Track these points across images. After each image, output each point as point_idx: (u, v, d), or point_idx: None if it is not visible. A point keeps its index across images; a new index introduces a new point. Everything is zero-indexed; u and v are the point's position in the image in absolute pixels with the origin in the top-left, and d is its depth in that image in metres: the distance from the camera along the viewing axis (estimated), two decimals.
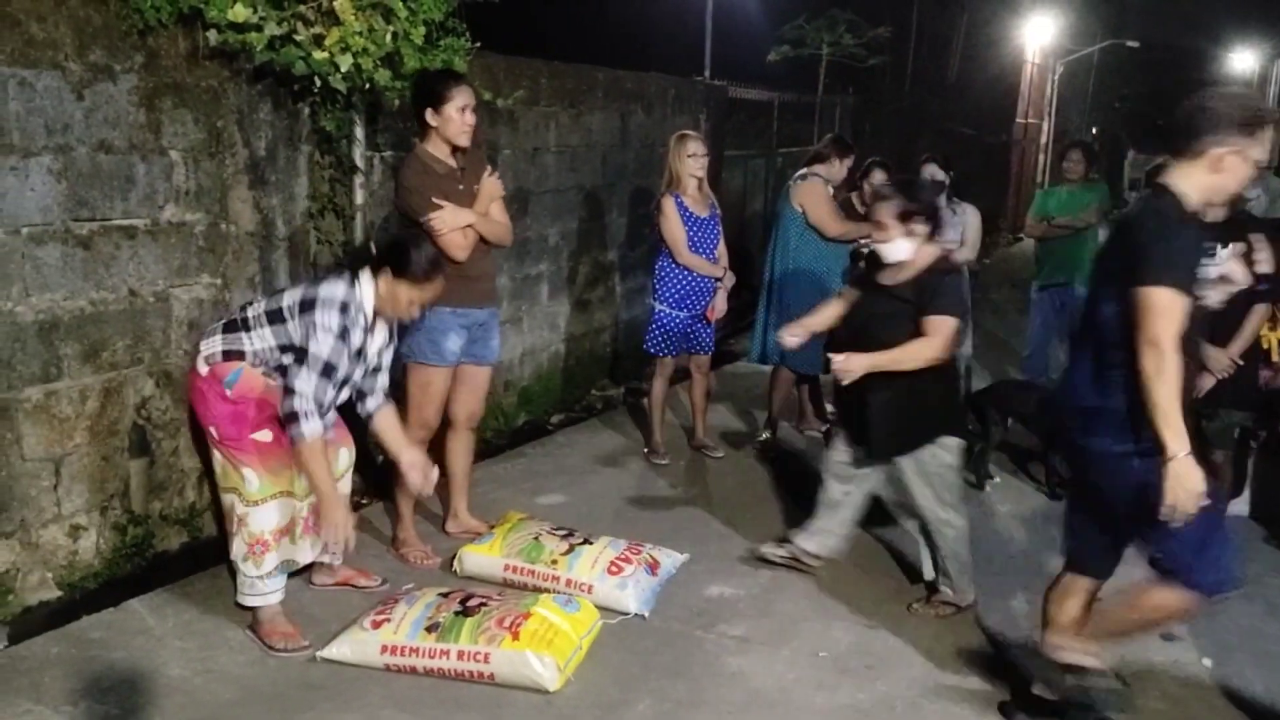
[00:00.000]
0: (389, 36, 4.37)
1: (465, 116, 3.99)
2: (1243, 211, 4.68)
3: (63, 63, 3.60)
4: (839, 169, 5.82)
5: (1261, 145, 2.79)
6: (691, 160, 5.22)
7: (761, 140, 10.00)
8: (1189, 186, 2.82)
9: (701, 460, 5.69)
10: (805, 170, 5.81)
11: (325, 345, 3.37)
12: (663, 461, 5.56)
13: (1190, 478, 2.67)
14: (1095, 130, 26.51)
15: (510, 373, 6.26)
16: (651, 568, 4.00)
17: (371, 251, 3.51)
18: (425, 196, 3.95)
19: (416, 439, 4.01)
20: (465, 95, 4.00)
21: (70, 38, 3.61)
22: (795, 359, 5.77)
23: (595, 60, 6.96)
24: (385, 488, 4.53)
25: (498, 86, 5.55)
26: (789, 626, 3.81)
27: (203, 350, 3.54)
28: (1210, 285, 2.98)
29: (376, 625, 3.44)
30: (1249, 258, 4.14)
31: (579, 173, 6.70)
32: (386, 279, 3.46)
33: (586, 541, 4.09)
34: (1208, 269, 2.90)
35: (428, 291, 3.52)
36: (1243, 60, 32.77)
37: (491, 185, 4.16)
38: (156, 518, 4.13)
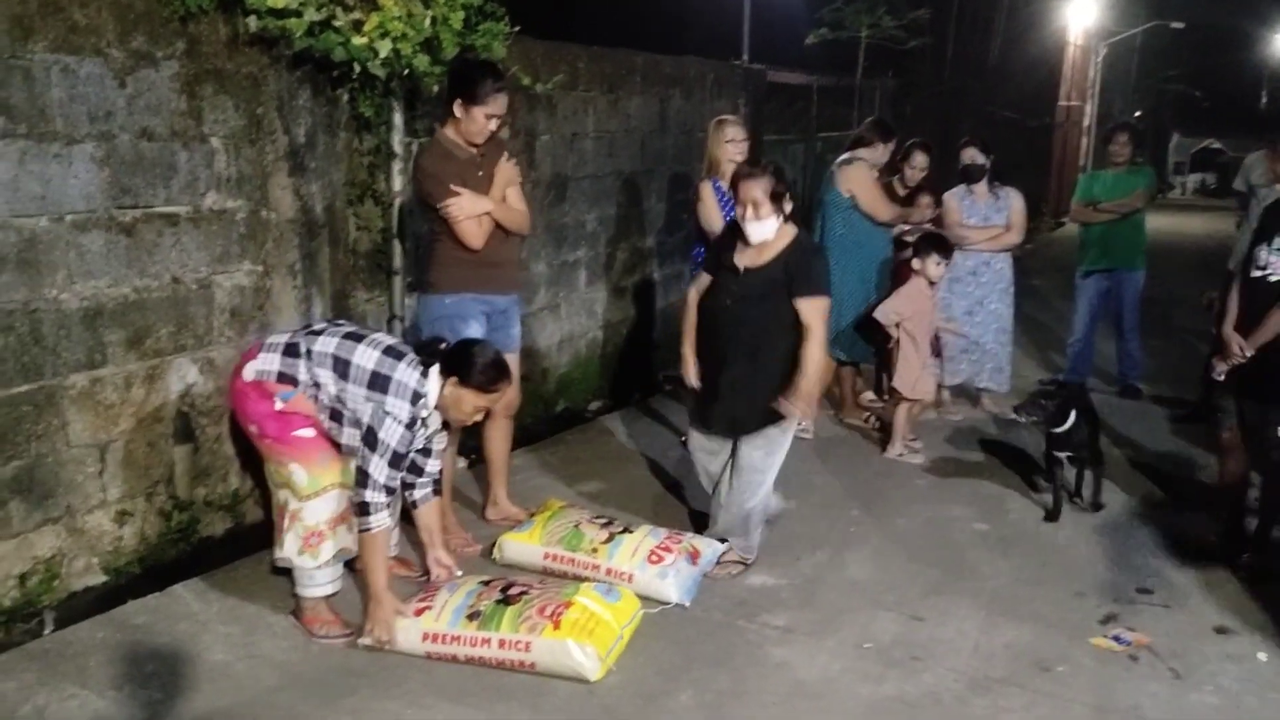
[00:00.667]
0: (428, 21, 4.34)
1: (490, 124, 3.94)
2: None
3: (105, 49, 3.60)
4: (882, 152, 5.74)
5: None
6: (730, 145, 5.16)
7: (800, 125, 9.89)
8: None
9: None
10: (848, 155, 5.72)
11: (394, 434, 3.36)
12: None
13: None
14: (1138, 113, 26.05)
15: (548, 359, 6.24)
16: (692, 557, 3.96)
17: (440, 348, 3.51)
18: (443, 183, 3.92)
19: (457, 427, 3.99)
20: (498, 104, 3.94)
21: (112, 24, 3.62)
22: (839, 347, 5.74)
23: (633, 45, 6.90)
24: None
25: (536, 72, 5.52)
26: (832, 617, 3.77)
27: (258, 362, 3.50)
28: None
29: (419, 613, 3.44)
30: None
31: (617, 158, 6.65)
32: (452, 384, 3.46)
33: (626, 530, 4.06)
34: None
35: (493, 398, 3.54)
36: None
37: (507, 170, 4.11)
38: (200, 503, 4.15)
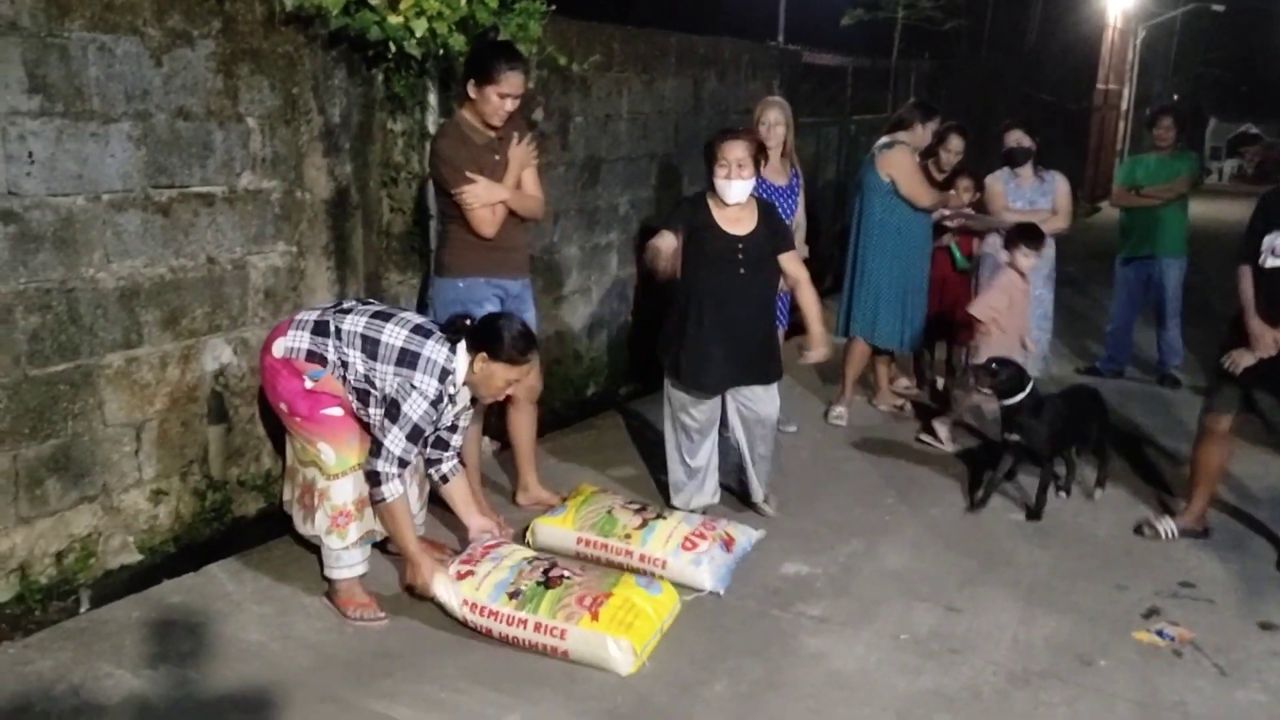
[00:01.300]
0: (464, 0, 4.30)
1: (504, 104, 3.85)
2: None
3: (141, 28, 3.58)
4: (923, 135, 5.61)
5: None
6: (763, 129, 5.07)
7: (834, 106, 9.76)
8: None
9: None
10: (889, 138, 5.60)
11: (418, 409, 3.34)
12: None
13: None
14: (1176, 97, 25.63)
15: (579, 343, 6.21)
16: (726, 544, 3.92)
17: (467, 324, 3.46)
18: (459, 169, 3.86)
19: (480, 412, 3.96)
20: (512, 84, 3.82)
21: (149, 3, 3.60)
22: (877, 334, 5.68)
23: (668, 25, 6.82)
24: None
25: (571, 52, 5.46)
26: (869, 607, 3.72)
27: (288, 339, 3.49)
28: None
29: (461, 576, 3.45)
30: None
31: (651, 140, 6.59)
32: (481, 360, 3.41)
33: (660, 516, 4.03)
34: None
35: (524, 369, 3.48)
36: None
37: (522, 153, 4.03)
38: (234, 483, 4.16)
